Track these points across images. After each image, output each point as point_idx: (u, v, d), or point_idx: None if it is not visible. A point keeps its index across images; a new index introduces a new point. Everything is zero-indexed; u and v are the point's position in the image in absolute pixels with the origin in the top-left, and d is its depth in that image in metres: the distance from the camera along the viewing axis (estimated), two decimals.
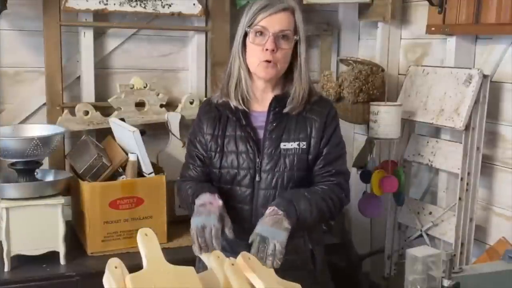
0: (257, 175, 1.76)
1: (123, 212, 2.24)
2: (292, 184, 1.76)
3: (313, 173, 1.80)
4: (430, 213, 2.49)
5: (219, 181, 1.80)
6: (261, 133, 1.79)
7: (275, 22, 1.71)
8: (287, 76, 1.80)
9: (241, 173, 1.77)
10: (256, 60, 1.73)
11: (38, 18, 2.45)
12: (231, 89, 1.79)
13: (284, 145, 1.76)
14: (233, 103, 1.79)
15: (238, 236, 1.76)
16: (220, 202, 1.68)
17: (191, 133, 1.90)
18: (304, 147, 1.77)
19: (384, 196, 2.58)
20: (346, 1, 2.85)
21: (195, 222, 1.62)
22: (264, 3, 1.72)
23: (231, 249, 1.73)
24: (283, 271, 1.45)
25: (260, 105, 1.82)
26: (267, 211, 1.66)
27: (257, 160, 1.76)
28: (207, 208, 1.65)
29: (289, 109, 1.77)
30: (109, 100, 2.55)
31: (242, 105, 1.78)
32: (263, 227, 1.60)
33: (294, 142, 1.76)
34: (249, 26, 1.73)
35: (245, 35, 1.75)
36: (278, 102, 1.79)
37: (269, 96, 1.81)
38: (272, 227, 1.59)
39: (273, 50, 1.70)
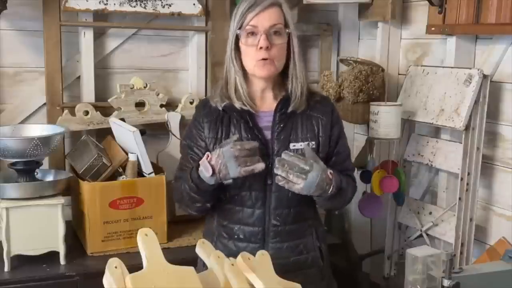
0: (268, 178, 1.72)
1: (123, 212, 2.24)
2: None
3: None
4: (430, 213, 2.49)
5: (226, 186, 1.74)
6: (267, 134, 1.75)
7: (264, 19, 1.68)
8: (285, 73, 1.78)
9: (251, 176, 1.68)
10: (252, 60, 1.71)
11: (38, 18, 2.45)
12: (231, 93, 1.76)
13: (294, 146, 1.73)
14: (237, 105, 1.75)
15: (250, 240, 1.76)
16: None
17: (188, 137, 1.84)
18: (314, 146, 1.75)
19: (384, 196, 2.58)
20: (346, 1, 2.85)
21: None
22: (250, 3, 1.70)
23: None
24: (295, 271, 1.44)
25: (264, 105, 1.79)
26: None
27: (267, 162, 1.69)
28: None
29: (293, 107, 1.75)
30: (109, 100, 2.55)
31: (247, 105, 1.75)
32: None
33: (303, 142, 1.74)
34: (239, 29, 1.70)
35: (237, 38, 1.72)
36: (284, 103, 1.76)
37: (270, 95, 1.79)
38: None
39: (267, 48, 1.67)
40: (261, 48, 1.67)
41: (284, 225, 1.75)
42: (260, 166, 1.59)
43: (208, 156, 1.63)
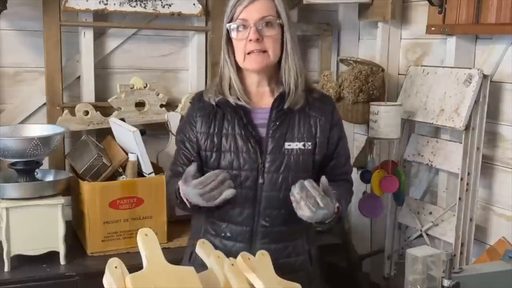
0: (260, 177, 1.68)
1: (123, 212, 2.24)
2: None
3: (322, 173, 1.74)
4: (430, 213, 2.49)
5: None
6: (262, 132, 1.70)
7: (253, 11, 1.64)
8: (281, 66, 1.72)
9: (242, 174, 1.67)
10: (242, 53, 1.66)
11: (38, 18, 2.45)
12: (225, 89, 1.72)
13: (289, 145, 1.69)
14: (231, 100, 1.70)
15: (237, 239, 1.73)
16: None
17: (180, 131, 1.80)
18: (310, 147, 1.70)
19: (384, 196, 2.58)
20: (346, 1, 2.85)
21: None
22: None
23: (230, 254, 1.69)
24: (283, 274, 1.43)
25: (260, 101, 1.74)
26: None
27: (260, 160, 1.67)
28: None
29: (289, 103, 1.70)
30: (109, 100, 2.55)
31: (242, 100, 1.70)
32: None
33: (299, 142, 1.70)
34: (229, 22, 1.67)
35: (229, 32, 1.68)
36: (281, 100, 1.71)
37: (266, 90, 1.74)
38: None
39: (257, 40, 1.63)
40: (251, 40, 1.63)
41: (273, 226, 1.71)
42: (229, 193, 1.51)
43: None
